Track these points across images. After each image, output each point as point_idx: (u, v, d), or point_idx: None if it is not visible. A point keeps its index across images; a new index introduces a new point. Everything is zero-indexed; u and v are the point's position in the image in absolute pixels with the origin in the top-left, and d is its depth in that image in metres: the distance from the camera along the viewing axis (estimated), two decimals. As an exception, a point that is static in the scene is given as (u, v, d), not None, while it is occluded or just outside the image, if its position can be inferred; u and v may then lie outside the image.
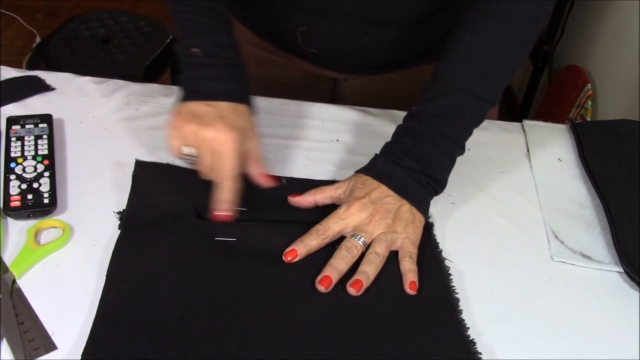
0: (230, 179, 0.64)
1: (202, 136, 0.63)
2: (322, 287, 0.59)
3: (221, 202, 0.64)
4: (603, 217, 0.73)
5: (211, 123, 0.63)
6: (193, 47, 0.68)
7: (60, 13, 2.56)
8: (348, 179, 0.69)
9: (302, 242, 0.62)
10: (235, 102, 0.66)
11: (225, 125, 0.63)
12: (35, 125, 0.73)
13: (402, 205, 0.65)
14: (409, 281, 0.61)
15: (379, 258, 0.62)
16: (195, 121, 0.64)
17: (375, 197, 0.65)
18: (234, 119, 0.65)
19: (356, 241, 0.62)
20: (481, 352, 0.57)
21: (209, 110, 0.64)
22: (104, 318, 0.55)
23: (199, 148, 0.64)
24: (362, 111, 0.86)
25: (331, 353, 0.55)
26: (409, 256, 0.63)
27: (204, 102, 0.65)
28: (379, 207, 0.64)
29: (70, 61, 1.53)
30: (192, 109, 0.65)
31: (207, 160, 0.65)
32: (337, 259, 0.61)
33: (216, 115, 0.64)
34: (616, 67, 1.59)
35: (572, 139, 0.86)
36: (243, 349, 0.54)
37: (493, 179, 0.78)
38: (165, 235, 0.63)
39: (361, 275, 0.60)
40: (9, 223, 0.64)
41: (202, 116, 0.64)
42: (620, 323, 0.62)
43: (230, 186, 0.64)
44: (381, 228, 0.64)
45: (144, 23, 1.69)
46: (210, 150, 0.64)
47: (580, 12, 1.84)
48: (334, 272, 0.60)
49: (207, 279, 0.60)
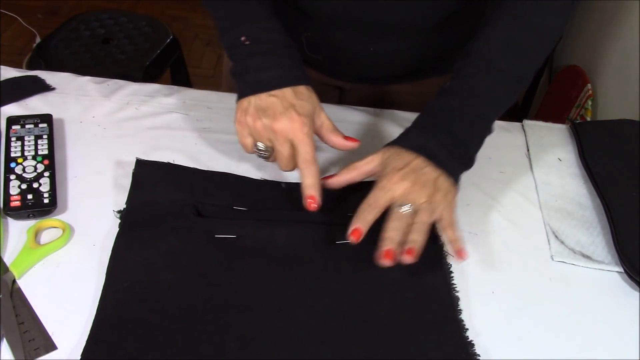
0: (313, 164, 0.65)
1: (276, 129, 0.64)
2: (387, 261, 0.60)
3: (309, 186, 0.65)
4: (603, 217, 0.73)
5: (282, 114, 0.64)
6: (241, 36, 0.67)
7: (60, 13, 2.56)
8: (379, 152, 0.68)
9: (360, 219, 0.62)
10: (296, 86, 0.66)
11: (295, 113, 0.64)
12: (35, 125, 0.73)
13: (439, 176, 0.65)
14: (457, 249, 0.63)
15: (425, 226, 0.62)
16: (265, 116, 0.64)
17: (414, 166, 0.65)
18: (301, 104, 0.65)
19: (404, 211, 0.63)
20: (480, 352, 0.57)
21: (275, 102, 0.65)
22: (104, 317, 0.55)
23: (275, 141, 0.65)
24: (363, 111, 0.86)
25: (330, 351, 0.55)
26: (450, 225, 0.64)
27: (267, 93, 0.65)
28: (419, 177, 0.64)
29: (70, 61, 1.53)
30: (258, 103, 0.65)
31: (285, 151, 0.65)
32: (390, 230, 0.61)
33: (283, 105, 0.64)
34: (616, 67, 1.59)
35: (572, 139, 0.86)
36: (242, 347, 0.54)
37: (493, 179, 0.78)
38: (165, 232, 0.63)
39: (412, 244, 0.61)
40: (9, 223, 0.64)
41: (270, 109, 0.64)
42: (620, 323, 0.62)
43: (314, 170, 0.65)
44: (423, 197, 0.63)
45: (144, 23, 1.69)
46: (286, 140, 0.65)
47: (580, 12, 1.84)
48: (392, 243, 0.61)
49: (206, 277, 0.60)
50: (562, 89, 1.83)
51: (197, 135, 0.79)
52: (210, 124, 0.81)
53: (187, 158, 0.74)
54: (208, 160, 0.75)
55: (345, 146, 0.69)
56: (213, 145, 0.77)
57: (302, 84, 0.67)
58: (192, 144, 0.77)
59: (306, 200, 0.64)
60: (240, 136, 0.67)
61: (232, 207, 0.68)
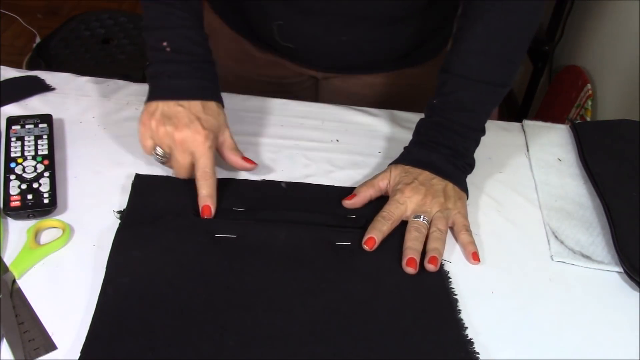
0: (211, 176, 0.66)
1: (177, 138, 0.65)
2: (411, 269, 0.63)
3: (205, 197, 0.66)
4: (603, 217, 0.73)
5: (186, 125, 0.65)
6: (164, 41, 0.68)
7: (60, 13, 2.56)
8: (386, 170, 0.72)
9: (375, 229, 0.65)
10: (206, 100, 0.68)
11: (200, 126, 0.66)
12: (35, 125, 0.73)
13: (447, 185, 0.70)
14: (471, 252, 0.66)
15: (443, 234, 0.66)
16: (170, 123, 0.65)
17: (423, 180, 0.69)
18: (206, 118, 0.67)
19: (421, 221, 0.66)
20: (480, 351, 0.57)
21: (181, 111, 0.66)
22: (103, 314, 0.55)
23: (175, 149, 0.66)
24: (362, 111, 0.86)
25: (330, 351, 0.55)
26: (465, 229, 0.68)
27: (176, 101, 0.67)
28: (429, 189, 0.69)
29: (70, 61, 1.53)
30: (165, 110, 0.66)
31: (183, 160, 0.67)
32: (412, 240, 0.65)
33: (189, 116, 0.66)
34: (616, 67, 1.59)
35: (572, 139, 0.86)
36: (241, 346, 0.54)
37: (493, 179, 0.78)
38: (165, 231, 0.63)
39: (434, 252, 0.64)
40: (9, 223, 0.64)
41: (175, 118, 0.66)
42: (620, 323, 0.62)
43: (211, 182, 0.66)
44: (436, 207, 0.68)
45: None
46: (186, 150, 0.66)
47: (580, 12, 1.84)
48: (415, 253, 0.64)
49: (206, 275, 0.60)
50: (562, 89, 1.83)
51: (197, 135, 0.79)
52: (210, 124, 0.80)
53: (187, 158, 0.74)
54: (208, 160, 0.75)
55: (242, 166, 0.72)
56: (213, 145, 0.77)
57: (213, 100, 0.69)
58: (192, 144, 0.77)
59: (201, 209, 0.66)
60: (141, 137, 0.68)
61: (232, 208, 0.68)
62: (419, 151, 0.72)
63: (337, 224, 0.68)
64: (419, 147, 0.72)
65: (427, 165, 0.70)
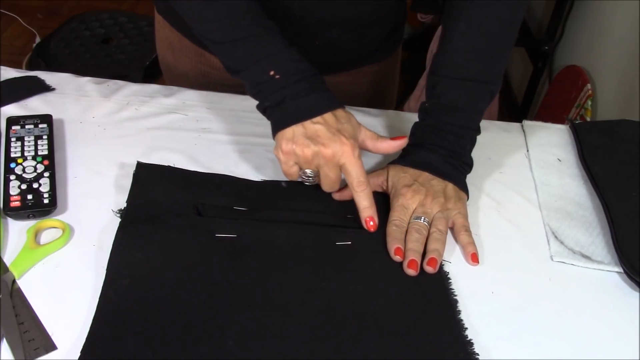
0: (367, 185, 0.66)
1: (327, 155, 0.65)
2: (412, 271, 0.63)
3: (366, 208, 0.66)
4: (603, 217, 0.73)
5: (330, 139, 0.65)
6: (269, 71, 0.67)
7: (60, 13, 2.56)
8: (384, 168, 0.72)
9: (395, 239, 0.65)
10: (334, 110, 0.67)
11: (343, 137, 0.65)
12: (35, 125, 0.73)
13: (447, 186, 0.70)
14: (470, 253, 0.66)
15: (443, 235, 0.67)
16: (314, 143, 0.65)
17: (422, 181, 0.70)
18: (345, 127, 0.66)
19: (422, 222, 0.67)
20: (480, 352, 0.57)
21: (320, 128, 0.65)
22: (104, 315, 0.55)
23: (324, 166, 0.66)
24: (362, 111, 0.86)
25: (329, 351, 0.55)
26: (464, 230, 0.68)
27: (309, 120, 0.66)
28: (429, 189, 0.69)
29: (70, 61, 1.53)
30: (303, 132, 0.65)
31: (334, 175, 0.67)
32: (413, 242, 0.65)
33: (330, 130, 0.65)
34: (616, 67, 1.59)
35: (571, 139, 0.86)
36: (241, 345, 0.55)
37: (493, 179, 0.78)
38: (166, 230, 0.63)
39: (433, 253, 0.64)
40: (9, 223, 0.64)
41: (317, 136, 0.65)
42: (620, 323, 0.62)
43: (369, 192, 0.67)
44: (437, 207, 0.68)
45: (143, 23, 1.69)
46: (336, 164, 0.66)
47: (580, 12, 1.84)
48: (416, 254, 0.64)
49: (206, 275, 0.60)
50: (562, 89, 1.83)
51: (197, 135, 0.79)
52: (209, 125, 0.81)
53: (186, 158, 0.74)
54: (207, 160, 0.75)
55: (398, 146, 0.71)
56: (212, 145, 0.77)
57: (338, 106, 0.68)
58: (192, 145, 0.77)
59: (365, 221, 0.67)
60: (285, 165, 0.67)
61: (233, 207, 0.68)
62: (417, 152, 0.72)
63: (337, 224, 0.68)
64: (416, 148, 0.73)
65: (426, 166, 0.71)
